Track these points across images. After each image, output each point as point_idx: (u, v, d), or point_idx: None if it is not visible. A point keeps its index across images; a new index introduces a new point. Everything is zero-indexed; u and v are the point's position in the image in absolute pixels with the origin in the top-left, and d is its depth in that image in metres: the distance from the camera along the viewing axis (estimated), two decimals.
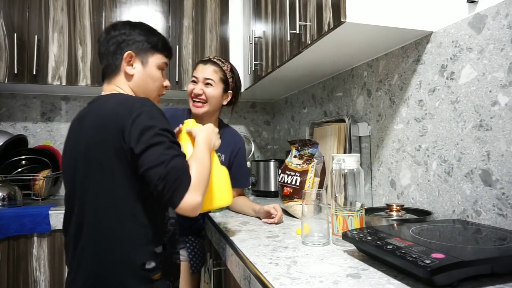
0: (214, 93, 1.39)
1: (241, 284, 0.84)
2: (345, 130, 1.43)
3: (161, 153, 0.79)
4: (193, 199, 0.78)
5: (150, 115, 0.84)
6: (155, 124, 0.82)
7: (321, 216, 0.92)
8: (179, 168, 0.78)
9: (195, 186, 0.79)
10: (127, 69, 0.97)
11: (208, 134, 0.97)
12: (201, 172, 0.83)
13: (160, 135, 0.81)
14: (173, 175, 0.77)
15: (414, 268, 0.60)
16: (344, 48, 1.28)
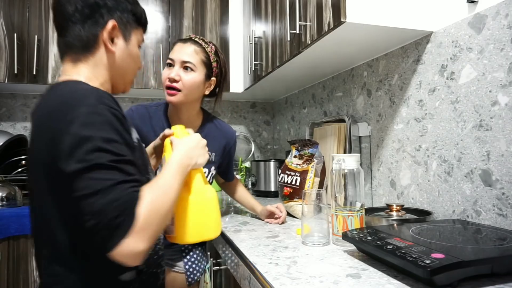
0: (194, 79, 1.14)
1: (241, 284, 0.84)
2: (345, 130, 1.43)
3: (99, 177, 0.58)
4: (133, 247, 0.57)
5: (88, 119, 0.61)
6: (93, 134, 0.59)
7: (321, 216, 0.92)
8: (121, 202, 0.57)
9: (141, 228, 0.58)
10: (108, 44, 0.74)
11: (187, 151, 0.78)
12: (156, 208, 0.62)
13: (99, 151, 0.59)
14: (111, 211, 0.56)
15: (414, 268, 0.60)
16: (344, 48, 1.28)
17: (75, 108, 0.62)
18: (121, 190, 0.58)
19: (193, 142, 0.81)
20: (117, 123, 0.64)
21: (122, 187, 0.59)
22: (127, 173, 0.61)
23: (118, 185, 0.59)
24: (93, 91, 0.66)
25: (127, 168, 0.62)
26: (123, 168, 0.61)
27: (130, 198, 0.59)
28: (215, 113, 1.45)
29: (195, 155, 0.79)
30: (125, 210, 0.58)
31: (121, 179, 0.59)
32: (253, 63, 1.83)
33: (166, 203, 0.64)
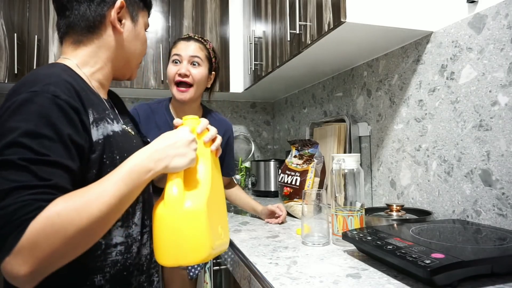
0: (202, 73, 1.21)
1: (241, 284, 0.84)
2: (345, 130, 1.43)
3: (3, 178, 0.49)
4: (11, 268, 0.47)
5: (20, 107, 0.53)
6: (18, 126, 0.52)
7: (321, 216, 0.92)
8: (9, 211, 0.47)
9: (24, 248, 0.47)
10: (117, 24, 0.70)
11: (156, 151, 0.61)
12: (59, 224, 0.49)
13: (16, 146, 0.51)
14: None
15: (414, 268, 0.60)
16: (344, 48, 1.28)
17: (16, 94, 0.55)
18: (17, 196, 0.48)
19: (169, 139, 0.63)
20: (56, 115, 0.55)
21: (22, 193, 0.48)
22: (40, 177, 0.50)
23: (16, 190, 0.49)
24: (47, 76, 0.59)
25: (43, 170, 0.51)
26: (37, 170, 0.50)
27: (23, 207, 0.48)
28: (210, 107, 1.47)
29: (168, 155, 0.61)
30: (12, 222, 0.47)
31: (25, 184, 0.49)
32: (253, 63, 1.83)
33: (80, 220, 0.50)
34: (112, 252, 0.65)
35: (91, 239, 0.54)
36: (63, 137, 0.55)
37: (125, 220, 0.69)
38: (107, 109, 0.70)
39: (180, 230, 0.60)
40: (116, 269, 0.66)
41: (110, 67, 0.74)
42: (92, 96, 0.66)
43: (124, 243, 0.68)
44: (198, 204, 0.61)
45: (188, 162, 0.63)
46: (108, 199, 0.53)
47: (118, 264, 0.66)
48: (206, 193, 0.64)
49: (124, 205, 0.57)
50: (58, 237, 0.49)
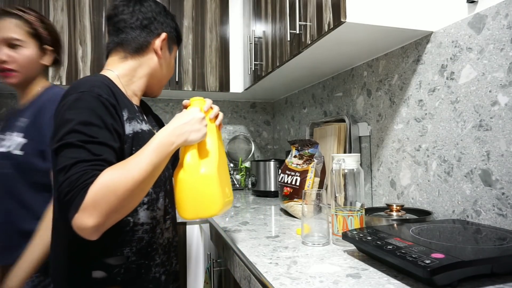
0: (27, 55, 1.06)
1: (241, 284, 0.84)
2: (345, 130, 1.43)
3: (66, 156, 0.65)
4: (82, 222, 0.61)
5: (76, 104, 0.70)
6: (73, 117, 0.68)
7: (321, 216, 0.92)
8: (73, 179, 0.62)
9: (89, 206, 0.61)
10: (159, 51, 0.90)
11: (176, 128, 0.76)
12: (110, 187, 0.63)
13: (75, 132, 0.67)
14: (65, 188, 0.62)
15: (414, 268, 0.60)
16: (344, 48, 1.28)
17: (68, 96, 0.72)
18: (78, 168, 0.63)
19: (184, 118, 0.78)
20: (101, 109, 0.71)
21: (82, 165, 0.64)
22: (93, 153, 0.66)
23: (78, 163, 0.64)
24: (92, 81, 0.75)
25: (95, 148, 0.67)
26: (90, 148, 0.66)
27: (81, 176, 0.62)
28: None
29: (185, 131, 0.76)
30: (77, 187, 0.62)
31: (82, 159, 0.64)
32: (253, 63, 1.83)
33: (126, 183, 0.64)
34: (139, 230, 0.81)
35: (135, 198, 0.68)
36: (107, 125, 0.71)
37: (150, 204, 0.84)
38: (137, 112, 0.87)
39: (198, 190, 0.77)
40: (141, 245, 0.81)
41: (145, 81, 0.91)
42: (125, 100, 0.83)
43: (149, 224, 0.83)
44: (210, 169, 0.79)
45: (201, 136, 0.79)
46: (144, 165, 0.68)
47: (144, 241, 0.82)
48: (216, 161, 0.81)
49: (156, 172, 0.71)
50: (112, 195, 0.63)
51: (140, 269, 0.81)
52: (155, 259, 0.84)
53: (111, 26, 0.90)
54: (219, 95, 2.35)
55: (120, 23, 0.88)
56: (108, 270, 0.76)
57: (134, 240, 0.80)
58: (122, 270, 0.78)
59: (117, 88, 0.83)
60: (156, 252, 0.85)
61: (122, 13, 0.88)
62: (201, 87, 2.15)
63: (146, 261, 0.82)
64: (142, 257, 0.81)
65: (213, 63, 2.18)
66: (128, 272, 0.79)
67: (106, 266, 0.76)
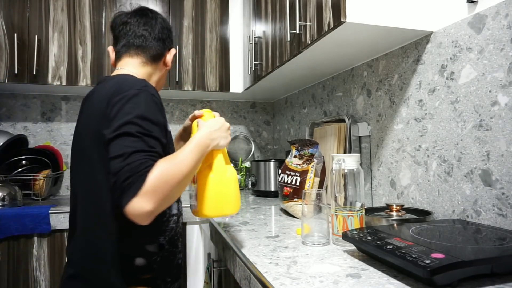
0: None
1: (241, 284, 0.84)
2: (345, 130, 1.43)
3: (125, 144, 0.71)
4: (140, 206, 0.66)
5: (134, 99, 0.77)
6: (133, 111, 0.75)
7: (321, 216, 0.92)
8: (134, 166, 0.68)
9: (149, 191, 0.67)
10: (169, 62, 1.04)
11: (210, 132, 0.86)
12: (165, 176, 0.70)
13: (133, 124, 0.73)
14: (125, 173, 0.68)
15: (414, 268, 0.60)
16: (344, 48, 1.28)
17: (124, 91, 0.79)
18: (137, 157, 0.69)
19: (216, 125, 0.89)
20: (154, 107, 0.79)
21: (139, 154, 0.70)
22: (149, 145, 0.73)
23: (136, 153, 0.70)
24: (141, 81, 0.84)
25: (150, 141, 0.74)
26: (147, 140, 0.73)
27: (141, 164, 0.69)
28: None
29: (217, 137, 0.87)
30: (136, 173, 0.67)
31: (141, 148, 0.71)
32: (253, 63, 1.83)
33: (177, 174, 0.72)
34: (171, 220, 0.90)
35: (181, 190, 0.75)
36: (159, 122, 0.78)
37: None
38: None
39: (224, 191, 0.87)
40: (171, 234, 0.90)
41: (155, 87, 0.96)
42: None
43: (177, 215, 0.93)
44: (234, 174, 0.90)
45: (227, 142, 0.90)
46: (189, 162, 0.76)
47: (173, 231, 0.90)
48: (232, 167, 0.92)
49: (196, 168, 0.79)
50: (167, 184, 0.70)
51: (170, 256, 0.89)
52: (178, 247, 0.93)
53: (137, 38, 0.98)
54: (219, 95, 2.35)
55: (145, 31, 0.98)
56: (148, 257, 0.83)
57: (168, 230, 0.89)
58: (158, 258, 0.85)
59: None
60: (179, 240, 0.94)
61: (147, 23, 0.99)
62: (201, 87, 2.15)
63: (174, 248, 0.91)
64: (172, 245, 0.90)
65: (213, 63, 2.18)
66: (162, 259, 0.86)
67: (147, 253, 0.83)
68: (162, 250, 0.86)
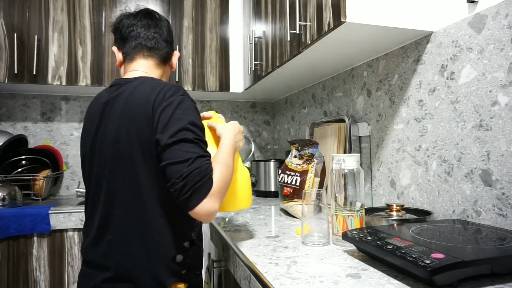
0: None
1: (241, 284, 0.84)
2: (345, 130, 1.43)
3: (186, 150, 0.76)
4: (211, 206, 0.75)
5: (181, 106, 0.81)
6: (184, 117, 0.79)
7: (321, 216, 0.92)
8: (203, 169, 0.75)
9: (216, 192, 0.76)
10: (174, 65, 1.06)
11: (234, 135, 0.93)
12: (223, 178, 0.79)
13: (188, 130, 0.78)
14: (195, 176, 0.73)
15: (414, 268, 0.60)
16: (344, 48, 1.28)
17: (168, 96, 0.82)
18: (201, 161, 0.76)
19: (236, 128, 0.96)
20: (197, 113, 0.84)
21: (202, 159, 0.76)
22: (204, 150, 0.79)
23: (199, 158, 0.76)
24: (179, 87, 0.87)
25: (204, 146, 0.80)
26: (202, 146, 0.79)
27: (208, 168, 0.76)
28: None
29: (239, 139, 0.96)
30: (205, 176, 0.75)
31: (201, 154, 0.77)
32: (253, 63, 1.83)
33: (228, 175, 0.82)
34: None
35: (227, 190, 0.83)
36: (204, 129, 0.84)
37: None
38: None
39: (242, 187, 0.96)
40: (198, 229, 0.93)
41: None
42: None
43: None
44: (247, 172, 1.00)
45: (243, 144, 0.99)
46: (232, 164, 0.85)
47: (199, 226, 0.94)
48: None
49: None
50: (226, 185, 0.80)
51: (199, 250, 0.93)
52: (203, 240, 0.98)
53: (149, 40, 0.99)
54: (219, 95, 2.35)
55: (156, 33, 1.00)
56: (184, 253, 0.86)
57: (197, 225, 0.92)
58: (191, 253, 0.88)
59: None
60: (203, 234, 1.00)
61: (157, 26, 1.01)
62: (201, 87, 2.15)
63: (201, 242, 0.95)
64: (199, 239, 0.94)
65: (213, 63, 2.18)
66: (194, 254, 0.90)
67: (184, 249, 0.86)
68: (193, 245, 0.90)
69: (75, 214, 1.63)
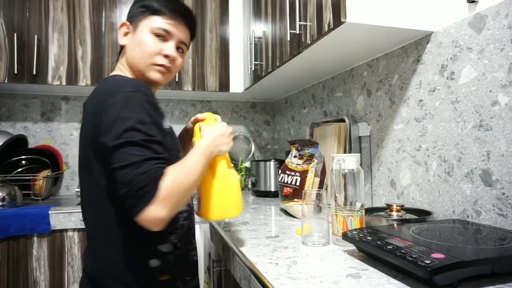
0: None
1: (241, 284, 0.84)
2: (345, 130, 1.43)
3: (132, 153, 0.68)
4: (156, 213, 0.67)
5: (127, 103, 0.73)
6: (130, 116, 0.71)
7: (321, 216, 0.92)
8: (149, 174, 0.67)
9: (164, 199, 0.67)
10: (119, 40, 0.91)
11: (214, 139, 0.85)
12: (178, 183, 0.70)
13: (135, 130, 0.70)
14: (140, 181, 0.66)
15: (414, 268, 0.60)
16: (344, 48, 1.28)
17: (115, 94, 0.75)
18: (149, 165, 0.68)
19: (219, 131, 0.88)
20: (150, 108, 0.75)
21: (150, 162, 0.69)
22: (156, 151, 0.71)
23: (147, 161, 0.69)
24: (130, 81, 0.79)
25: (156, 147, 0.72)
26: (152, 147, 0.71)
27: (155, 172, 0.68)
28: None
29: (221, 143, 0.87)
30: (151, 182, 0.67)
31: (150, 156, 0.70)
32: (253, 63, 1.83)
33: (187, 181, 0.73)
34: (180, 218, 0.87)
35: (190, 195, 0.76)
36: (158, 124, 0.75)
37: None
38: None
39: (228, 195, 0.88)
40: (183, 231, 0.88)
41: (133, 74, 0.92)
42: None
43: (187, 211, 0.90)
44: (236, 178, 0.90)
45: (229, 148, 0.89)
46: (197, 169, 0.77)
47: (184, 227, 0.88)
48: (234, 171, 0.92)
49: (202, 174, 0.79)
50: (180, 191, 0.70)
51: (184, 253, 0.88)
52: (193, 243, 0.92)
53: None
54: (219, 95, 2.35)
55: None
56: (161, 258, 0.82)
57: (178, 227, 0.87)
58: (172, 257, 0.84)
59: None
60: (193, 236, 0.93)
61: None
62: (201, 87, 2.15)
63: (187, 245, 0.89)
64: (185, 242, 0.88)
65: (213, 63, 2.18)
66: (177, 258, 0.85)
67: (159, 254, 0.82)
68: (175, 249, 0.85)
69: (75, 214, 1.63)
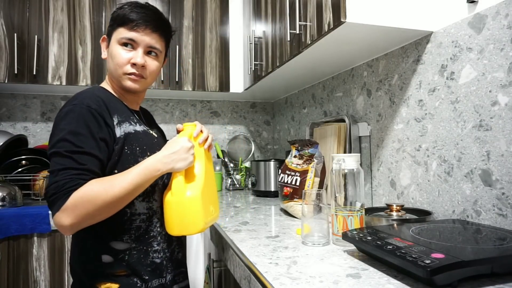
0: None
1: (241, 284, 0.84)
2: (345, 130, 1.43)
3: (55, 162, 0.77)
4: (62, 221, 0.74)
5: (66, 115, 0.81)
6: (65, 127, 0.79)
7: (321, 216, 0.92)
8: (60, 184, 0.74)
9: (69, 208, 0.73)
10: (102, 54, 0.98)
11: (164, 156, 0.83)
12: (90, 196, 0.74)
13: (65, 141, 0.77)
14: (51, 190, 0.74)
15: (414, 268, 0.60)
16: (344, 48, 1.28)
17: (63, 108, 0.83)
18: (65, 175, 0.75)
19: (174, 148, 0.85)
20: (90, 119, 0.80)
21: (67, 172, 0.75)
22: (78, 162, 0.76)
23: (64, 170, 0.75)
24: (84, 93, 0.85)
25: (81, 158, 0.77)
26: (75, 157, 0.76)
27: (67, 182, 0.74)
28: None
29: (172, 160, 0.83)
30: (61, 191, 0.73)
31: (69, 166, 0.75)
32: (253, 63, 1.83)
33: (104, 195, 0.75)
34: (136, 220, 0.88)
35: (112, 210, 0.78)
36: (94, 134, 0.80)
37: (146, 196, 0.91)
38: (131, 115, 0.94)
39: (183, 211, 0.84)
40: (139, 233, 0.89)
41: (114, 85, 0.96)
42: (118, 105, 0.91)
43: (146, 214, 0.90)
44: (195, 193, 0.85)
45: (187, 164, 0.86)
46: (126, 185, 0.78)
47: (141, 229, 0.89)
48: (201, 184, 0.87)
49: (137, 191, 0.81)
50: (90, 204, 0.74)
51: (140, 254, 0.88)
52: (153, 246, 0.91)
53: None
54: (219, 95, 2.35)
55: None
56: (114, 254, 0.85)
57: (132, 229, 0.88)
58: (126, 256, 0.86)
59: (110, 94, 0.93)
60: (154, 239, 0.91)
61: None
62: (201, 87, 2.15)
63: (145, 247, 0.89)
64: (141, 243, 0.89)
65: (213, 63, 2.18)
66: (131, 257, 0.87)
67: (112, 250, 0.85)
68: (129, 248, 0.87)
69: None
